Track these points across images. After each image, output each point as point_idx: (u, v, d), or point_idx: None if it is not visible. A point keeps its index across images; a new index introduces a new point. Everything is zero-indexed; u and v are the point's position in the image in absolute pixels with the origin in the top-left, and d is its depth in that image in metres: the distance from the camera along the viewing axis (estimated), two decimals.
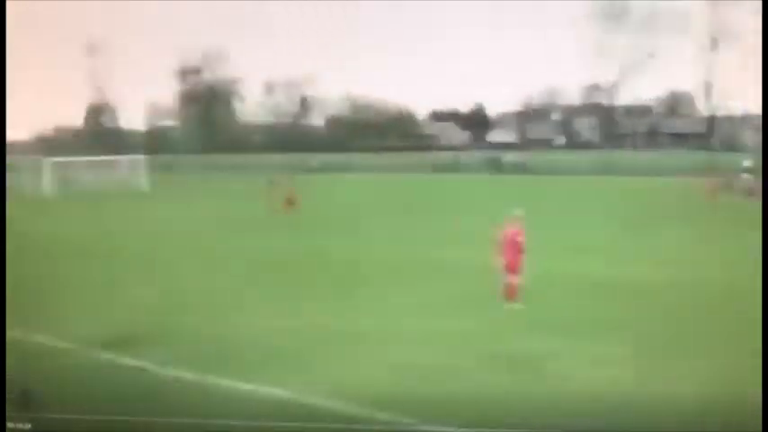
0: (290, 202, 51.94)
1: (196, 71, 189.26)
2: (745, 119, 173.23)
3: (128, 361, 17.53)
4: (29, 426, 9.54)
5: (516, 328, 20.19)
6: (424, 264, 30.50)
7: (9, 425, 9.48)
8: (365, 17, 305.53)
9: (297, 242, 37.69)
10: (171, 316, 22.06)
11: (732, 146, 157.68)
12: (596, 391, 15.13)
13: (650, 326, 20.23)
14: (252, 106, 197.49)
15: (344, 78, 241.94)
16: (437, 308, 22.81)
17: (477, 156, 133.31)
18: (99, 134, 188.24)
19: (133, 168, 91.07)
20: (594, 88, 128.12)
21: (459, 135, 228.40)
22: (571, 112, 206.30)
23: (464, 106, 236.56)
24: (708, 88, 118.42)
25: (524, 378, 16.20)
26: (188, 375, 16.37)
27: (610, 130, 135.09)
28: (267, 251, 35.44)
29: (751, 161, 66.12)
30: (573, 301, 23.48)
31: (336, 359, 17.69)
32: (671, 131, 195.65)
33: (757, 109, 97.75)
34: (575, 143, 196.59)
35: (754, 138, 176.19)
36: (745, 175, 63.25)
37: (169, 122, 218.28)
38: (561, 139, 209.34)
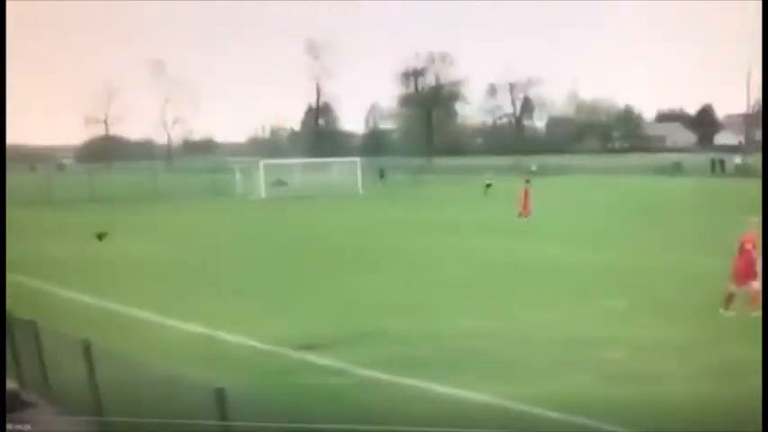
0: (525, 204, 50.89)
1: (420, 73, 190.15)
2: None
3: (327, 362, 17.75)
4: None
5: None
6: (651, 270, 30.00)
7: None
8: (586, 18, 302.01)
9: (521, 245, 37.76)
10: (378, 317, 22.07)
11: None
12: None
13: None
14: (474, 108, 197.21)
15: (569, 79, 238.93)
16: (651, 314, 22.34)
17: (701, 158, 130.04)
18: (317, 136, 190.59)
19: (348, 171, 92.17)
20: None
21: (685, 136, 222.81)
22: None
23: (691, 107, 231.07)
24: None
25: None
26: (385, 377, 16.41)
27: None
28: (482, 253, 35.53)
29: None
30: None
31: (544, 364, 17.47)
32: None
33: None
34: None
35: None
36: None
37: (389, 125, 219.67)
38: None
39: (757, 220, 20.95)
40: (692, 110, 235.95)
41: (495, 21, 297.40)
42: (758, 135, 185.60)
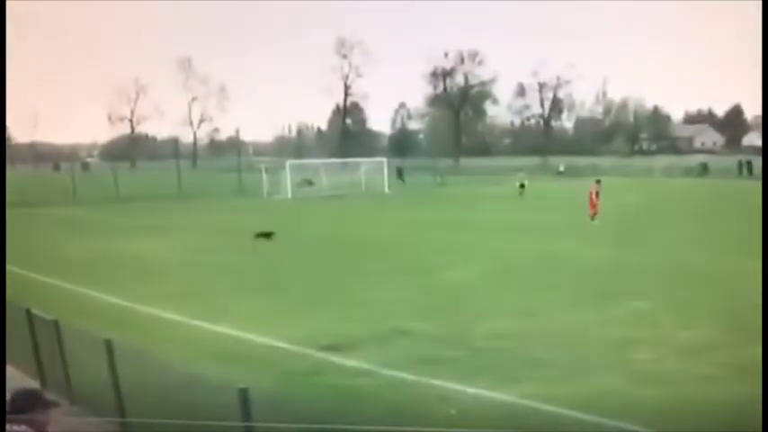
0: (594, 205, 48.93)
1: (449, 73, 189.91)
2: None
3: (353, 362, 17.69)
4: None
5: None
6: (678, 270, 29.90)
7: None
8: (617, 17, 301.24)
9: (551, 245, 37.35)
10: (405, 318, 21.98)
11: None
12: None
13: None
14: (502, 108, 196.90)
15: (598, 79, 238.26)
16: (693, 316, 22.04)
17: (730, 159, 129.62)
18: (344, 135, 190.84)
19: (375, 171, 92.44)
20: None
21: (713, 138, 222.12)
22: None
23: (720, 108, 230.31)
24: None
25: None
26: (411, 378, 16.30)
27: None
28: (512, 252, 35.54)
29: None
30: None
31: (575, 365, 17.31)
32: None
33: None
34: None
35: None
36: None
37: (416, 125, 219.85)
38: None
39: None
40: (720, 111, 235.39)
41: (524, 20, 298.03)
42: None
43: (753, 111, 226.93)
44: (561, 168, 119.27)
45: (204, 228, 48.74)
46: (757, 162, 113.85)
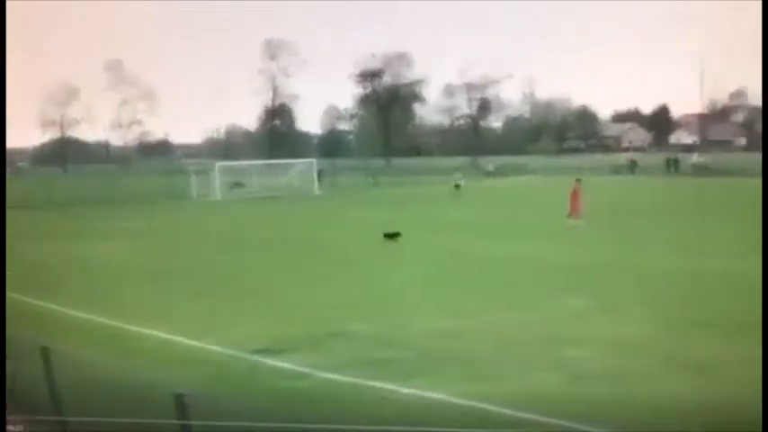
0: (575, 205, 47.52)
1: (377, 74, 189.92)
2: None
3: (290, 366, 17.50)
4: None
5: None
6: (614, 267, 30.16)
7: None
8: (545, 17, 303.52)
9: (489, 245, 37.59)
10: (342, 319, 21.81)
11: None
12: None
13: None
14: (431, 109, 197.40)
15: (525, 79, 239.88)
16: (617, 312, 22.26)
17: (657, 157, 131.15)
18: (273, 137, 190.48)
19: (305, 172, 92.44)
20: None
21: (640, 137, 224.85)
22: (754, 114, 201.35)
23: (647, 107, 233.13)
24: None
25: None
26: (348, 380, 16.22)
27: None
28: (448, 253, 35.35)
29: None
30: None
31: (508, 363, 17.42)
32: None
33: None
34: (757, 145, 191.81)
35: None
36: None
37: (346, 126, 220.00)
38: (742, 141, 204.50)
39: None
40: (647, 110, 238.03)
41: (451, 21, 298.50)
42: (712, 134, 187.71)
43: (679, 110, 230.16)
44: (490, 168, 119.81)
45: (135, 232, 48.23)
46: (684, 159, 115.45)
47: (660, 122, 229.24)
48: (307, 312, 23.31)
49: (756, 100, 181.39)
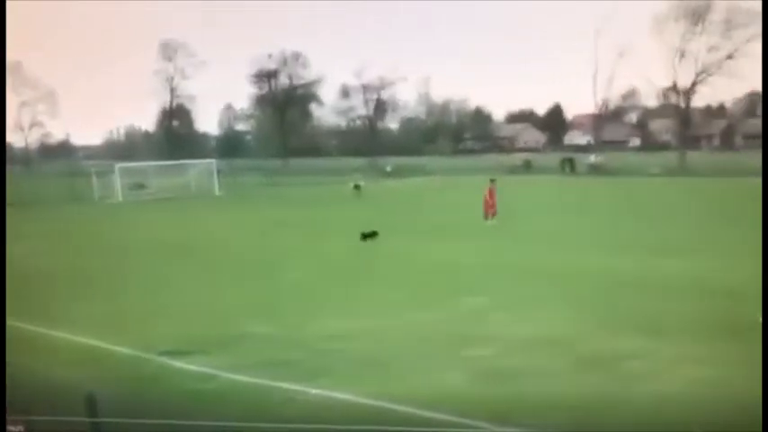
0: (490, 205, 47.00)
1: (273, 74, 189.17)
2: None
3: (195, 367, 17.60)
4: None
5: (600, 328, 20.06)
6: (516, 266, 30.28)
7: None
8: (441, 19, 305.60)
9: (389, 245, 37.30)
10: (245, 321, 21.99)
11: None
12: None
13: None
14: (327, 110, 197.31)
15: (421, 81, 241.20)
16: (518, 310, 22.52)
17: (551, 158, 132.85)
18: (171, 137, 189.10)
19: (205, 173, 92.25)
20: (671, 89, 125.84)
21: (535, 137, 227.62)
22: (647, 114, 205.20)
23: (541, 108, 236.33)
24: None
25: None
26: (255, 381, 16.34)
27: (685, 131, 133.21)
28: (348, 253, 35.46)
29: None
30: (648, 301, 23.14)
31: (413, 362, 17.58)
32: (747, 133, 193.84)
33: None
34: (650, 145, 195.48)
35: None
36: None
37: (244, 126, 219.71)
38: (636, 141, 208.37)
39: None
40: (541, 110, 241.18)
41: (348, 21, 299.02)
42: (606, 134, 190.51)
43: (572, 110, 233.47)
44: (388, 169, 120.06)
45: (38, 234, 47.43)
46: (580, 159, 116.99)
47: (554, 123, 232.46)
48: (211, 314, 23.30)
49: (648, 100, 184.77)
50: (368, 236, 38.66)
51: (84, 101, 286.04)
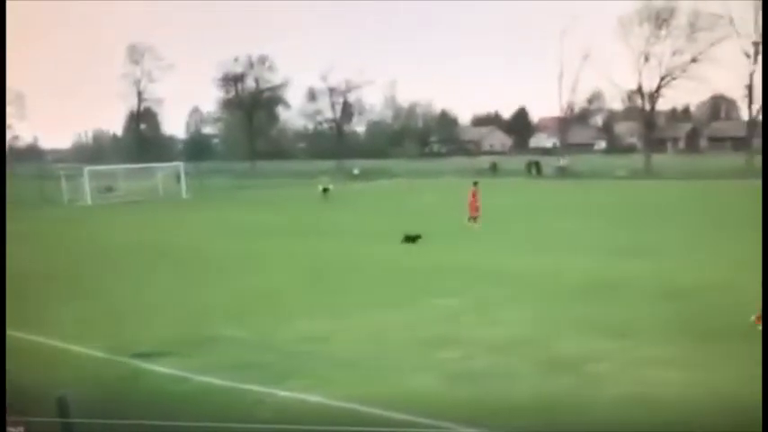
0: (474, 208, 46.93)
1: (240, 78, 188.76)
2: None
3: (167, 369, 17.65)
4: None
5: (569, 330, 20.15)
6: (472, 269, 30.18)
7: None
8: (407, 22, 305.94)
9: (357, 247, 37.76)
10: (216, 323, 22.02)
11: None
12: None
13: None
14: (294, 113, 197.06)
15: (387, 84, 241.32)
16: (488, 312, 22.58)
17: (517, 160, 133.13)
18: (139, 141, 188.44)
19: (172, 176, 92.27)
20: (636, 93, 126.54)
21: (500, 140, 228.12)
22: (612, 117, 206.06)
23: (507, 111, 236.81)
24: (749, 92, 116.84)
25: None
26: (226, 383, 16.35)
27: (650, 134, 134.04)
28: (318, 255, 35.44)
29: None
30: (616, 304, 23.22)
31: (383, 364, 17.64)
32: (712, 136, 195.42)
33: None
34: (615, 147, 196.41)
35: None
36: None
37: (211, 129, 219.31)
38: (601, 144, 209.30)
39: None
40: (507, 113, 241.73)
41: (314, 24, 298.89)
42: (572, 137, 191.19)
43: (538, 113, 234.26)
44: (356, 171, 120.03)
45: (9, 236, 47.11)
46: (546, 162, 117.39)
47: (519, 126, 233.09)
48: (181, 317, 23.31)
49: (613, 103, 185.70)
50: (411, 239, 38.32)
51: (53, 104, 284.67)
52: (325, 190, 75.48)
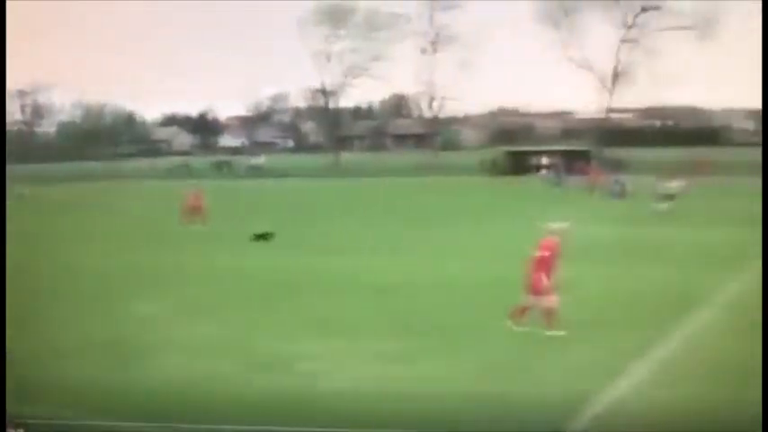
0: (196, 210, 45.93)
1: None
2: (466, 119, 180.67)
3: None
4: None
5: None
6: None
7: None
8: (94, 19, 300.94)
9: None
10: None
11: (455, 145, 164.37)
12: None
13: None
14: None
15: (77, 84, 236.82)
16: (198, 314, 22.49)
17: (208, 160, 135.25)
18: None
19: None
20: (320, 91, 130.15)
21: (189, 140, 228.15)
22: (298, 116, 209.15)
23: (194, 111, 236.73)
24: (429, 90, 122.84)
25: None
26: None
27: (336, 132, 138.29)
28: None
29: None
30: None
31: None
32: (396, 133, 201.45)
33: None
34: (303, 146, 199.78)
35: (476, 137, 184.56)
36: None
37: None
38: (289, 143, 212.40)
39: (558, 226, 19.52)
40: (194, 113, 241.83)
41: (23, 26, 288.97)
42: (259, 136, 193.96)
43: (225, 113, 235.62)
44: (49, 174, 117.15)
45: None
46: (238, 162, 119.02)
47: (205, 126, 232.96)
48: None
49: (298, 102, 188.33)
50: (262, 237, 37.60)
51: None
52: (20, 196, 70.54)
